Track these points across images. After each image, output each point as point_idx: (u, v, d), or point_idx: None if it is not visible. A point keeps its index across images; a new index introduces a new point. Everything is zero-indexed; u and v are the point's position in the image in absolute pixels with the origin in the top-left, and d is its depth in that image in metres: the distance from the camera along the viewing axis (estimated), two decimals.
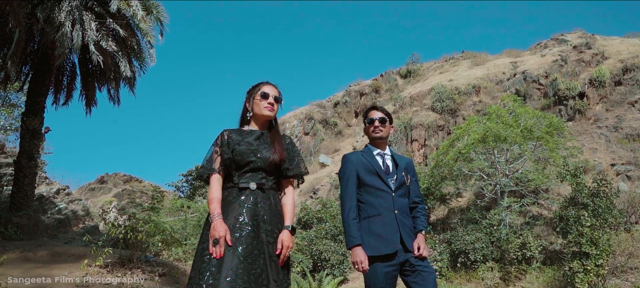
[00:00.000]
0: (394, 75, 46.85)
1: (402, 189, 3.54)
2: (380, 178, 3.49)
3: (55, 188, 13.85)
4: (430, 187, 25.00)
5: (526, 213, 22.63)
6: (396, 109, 38.59)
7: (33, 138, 10.91)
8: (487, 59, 42.46)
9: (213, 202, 2.84)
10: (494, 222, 20.67)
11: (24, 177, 10.71)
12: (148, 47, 11.90)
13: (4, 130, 20.83)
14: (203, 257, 2.70)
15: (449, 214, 26.40)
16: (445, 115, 34.32)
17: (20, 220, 10.39)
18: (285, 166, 3.09)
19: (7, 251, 7.81)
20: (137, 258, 7.20)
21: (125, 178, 38.35)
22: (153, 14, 11.61)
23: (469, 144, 22.03)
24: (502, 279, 19.59)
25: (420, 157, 33.34)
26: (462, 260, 20.39)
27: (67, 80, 12.21)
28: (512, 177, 22.45)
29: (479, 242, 20.06)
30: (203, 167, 3.01)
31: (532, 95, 32.45)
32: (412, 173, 3.69)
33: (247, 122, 3.19)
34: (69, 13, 9.74)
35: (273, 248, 2.85)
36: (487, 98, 34.15)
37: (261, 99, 3.13)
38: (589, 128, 28.57)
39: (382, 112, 3.67)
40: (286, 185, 3.16)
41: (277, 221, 2.97)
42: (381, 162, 3.59)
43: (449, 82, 37.34)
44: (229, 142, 3.00)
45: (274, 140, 3.09)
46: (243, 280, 2.61)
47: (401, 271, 3.39)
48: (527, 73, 34.28)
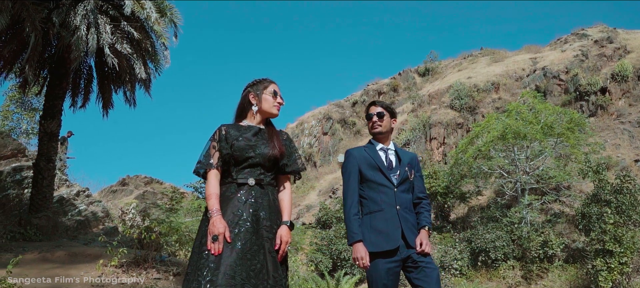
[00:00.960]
0: (412, 74, 46.60)
1: (405, 185, 3.48)
2: (382, 174, 3.44)
3: (75, 190, 14.02)
4: (450, 185, 24.85)
5: (547, 211, 22.34)
6: (415, 108, 38.39)
7: (51, 140, 11.09)
8: (506, 55, 41.99)
9: (211, 197, 2.83)
10: (514, 220, 20.46)
11: (43, 179, 10.90)
12: (162, 49, 12.00)
13: (26, 134, 21.20)
14: (201, 253, 2.69)
15: (469, 212, 26.18)
16: (464, 113, 34.01)
17: (40, 221, 10.57)
18: (284, 162, 3.08)
19: (26, 252, 7.95)
20: (152, 258, 7.24)
21: (146, 180, 38.71)
22: (167, 16, 11.71)
23: (488, 142, 21.85)
24: (523, 278, 19.38)
25: (440, 155, 33.09)
26: (482, 259, 20.24)
27: (85, 83, 12.38)
28: (533, 174, 22.19)
29: (500, 240, 19.89)
30: (200, 162, 3.00)
31: (553, 91, 31.99)
32: (417, 168, 3.63)
33: (245, 116, 3.17)
34: (84, 17, 9.87)
35: (272, 243, 2.84)
36: (507, 95, 33.76)
37: (272, 97, 3.13)
38: (611, 124, 28.07)
39: (381, 107, 3.62)
40: (284, 181, 3.14)
41: (276, 217, 2.95)
42: (384, 157, 3.54)
43: (468, 79, 37.01)
44: (227, 137, 2.97)
45: (272, 135, 3.08)
46: (242, 277, 2.61)
47: (404, 267, 3.34)
48: (547, 69, 33.80)
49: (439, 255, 21.87)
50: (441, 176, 25.21)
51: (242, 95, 3.20)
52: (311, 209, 32.75)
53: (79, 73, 12.15)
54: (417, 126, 35.02)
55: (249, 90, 3.18)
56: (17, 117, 21.53)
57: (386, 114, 3.63)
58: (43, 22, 9.55)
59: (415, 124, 35.37)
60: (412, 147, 34.27)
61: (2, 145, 13.37)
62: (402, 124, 37.81)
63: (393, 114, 3.70)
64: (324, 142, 42.18)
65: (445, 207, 25.83)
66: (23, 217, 10.74)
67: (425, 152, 33.58)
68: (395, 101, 43.52)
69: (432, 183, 24.83)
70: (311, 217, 30.62)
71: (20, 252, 7.89)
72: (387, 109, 3.66)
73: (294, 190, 40.17)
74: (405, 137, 35.40)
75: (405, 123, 37.29)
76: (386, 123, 3.62)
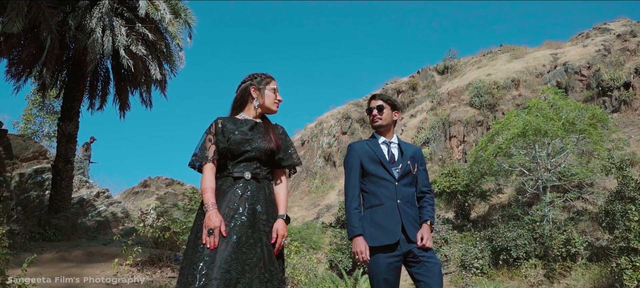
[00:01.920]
0: (431, 72, 46.33)
1: (406, 178, 3.44)
2: (383, 167, 3.41)
3: (95, 192, 14.23)
4: (470, 183, 24.64)
5: (570, 209, 21.99)
6: (434, 106, 38.14)
7: (69, 142, 11.26)
8: (527, 51, 41.48)
9: (207, 191, 2.81)
10: (536, 218, 20.18)
11: (61, 180, 11.07)
12: (177, 50, 12.11)
13: (48, 137, 21.55)
14: (196, 247, 2.68)
15: (489, 211, 25.93)
16: (484, 111, 33.67)
17: (59, 221, 10.74)
18: (280, 156, 3.07)
19: (45, 251, 8.08)
20: (166, 257, 7.28)
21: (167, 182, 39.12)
22: (181, 17, 11.81)
23: (508, 139, 21.59)
24: (546, 276, 19.10)
25: (459, 153, 32.82)
26: (504, 258, 20.00)
27: (102, 85, 12.54)
28: (555, 171, 21.86)
29: (521, 238, 19.65)
30: (196, 155, 2.98)
31: (574, 87, 31.50)
32: (421, 162, 3.58)
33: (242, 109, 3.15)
34: (99, 19, 9.99)
35: (269, 237, 2.83)
36: (527, 91, 33.33)
37: (273, 93, 3.13)
38: (635, 119, 27.52)
39: (381, 100, 3.58)
40: (280, 175, 3.13)
41: (273, 211, 2.94)
42: (386, 151, 3.50)
43: (487, 76, 36.64)
44: (223, 130, 2.96)
45: (268, 129, 3.07)
46: (237, 270, 2.60)
47: (405, 262, 3.31)
48: (569, 64, 33.28)
49: (459, 254, 21.69)
50: (461, 174, 25.00)
51: (242, 88, 3.17)
52: (331, 209, 32.75)
53: (96, 75, 12.31)
54: (437, 124, 34.78)
55: (251, 83, 3.15)
56: (40, 121, 21.92)
57: (386, 107, 3.58)
58: (59, 25, 9.69)
59: (434, 122, 35.14)
60: (432, 145, 34.07)
61: (24, 148, 13.60)
62: (422, 122, 37.59)
63: (394, 106, 3.64)
64: (343, 141, 42.15)
65: (466, 206, 25.62)
66: (42, 217, 10.92)
67: (445, 151, 33.35)
68: (414, 99, 43.30)
69: (452, 182, 24.65)
70: (331, 217, 30.62)
71: (39, 251, 8.00)
72: (388, 102, 3.61)
73: (314, 190, 40.23)
74: (425, 136, 35.20)
75: (425, 121, 37.08)
76: (386, 116, 3.57)
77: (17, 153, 13.18)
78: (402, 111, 43.79)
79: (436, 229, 23.59)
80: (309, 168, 43.67)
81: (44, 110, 21.24)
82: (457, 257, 21.96)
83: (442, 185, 24.96)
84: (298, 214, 37.18)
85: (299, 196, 41.98)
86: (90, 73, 11.71)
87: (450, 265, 22.34)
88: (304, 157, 46.27)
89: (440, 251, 22.50)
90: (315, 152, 45.00)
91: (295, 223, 31.67)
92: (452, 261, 22.35)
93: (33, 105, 21.46)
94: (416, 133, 36.77)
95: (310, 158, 45.17)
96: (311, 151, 45.88)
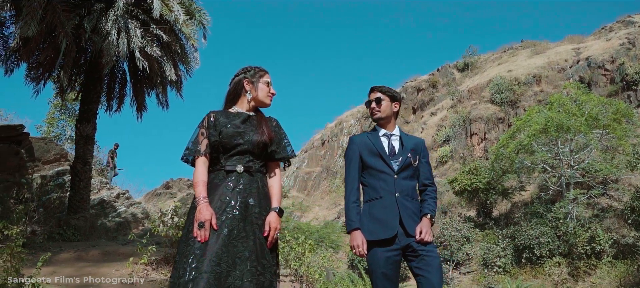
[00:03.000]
0: (451, 69, 45.92)
1: (406, 171, 3.38)
2: (383, 160, 3.36)
3: (116, 193, 14.45)
4: (492, 181, 24.37)
5: (594, 206, 21.58)
6: (454, 103, 37.79)
7: (87, 144, 11.44)
8: (548, 46, 40.83)
9: (199, 185, 2.83)
10: (559, 215, 19.89)
11: (80, 181, 11.24)
12: (192, 51, 12.21)
13: (71, 140, 21.85)
14: (188, 240, 2.69)
15: (511, 209, 25.60)
16: (505, 107, 33.25)
17: (78, 222, 10.91)
18: (273, 149, 3.06)
19: (63, 251, 8.19)
20: None
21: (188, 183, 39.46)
22: (195, 18, 11.91)
23: (530, 135, 21.28)
24: (570, 275, 18.79)
25: (481, 151, 32.46)
26: (527, 256, 19.76)
27: (119, 87, 12.69)
28: (578, 167, 21.49)
29: (545, 236, 19.38)
30: (188, 149, 2.99)
31: (598, 82, 30.89)
32: (423, 154, 3.52)
33: (235, 102, 3.14)
34: (114, 22, 10.11)
35: (261, 230, 2.82)
36: (549, 87, 32.81)
37: (267, 87, 3.14)
38: None
39: (379, 92, 3.53)
40: (274, 168, 3.12)
41: (266, 204, 2.93)
42: (386, 143, 3.45)
43: (508, 72, 36.16)
44: (215, 124, 2.97)
45: (261, 122, 3.06)
46: (227, 263, 2.60)
47: (405, 256, 3.26)
48: (592, 59, 32.65)
49: (481, 252, 21.48)
50: (482, 172, 24.75)
51: (235, 81, 3.17)
52: None
53: (114, 77, 12.47)
54: (457, 122, 34.46)
55: (244, 76, 3.15)
56: (62, 124, 22.25)
57: (385, 99, 3.53)
58: (75, 28, 9.84)
59: (455, 120, 34.82)
60: (453, 143, 33.78)
61: (46, 151, 13.82)
62: (442, 120, 37.29)
63: (394, 97, 3.58)
64: None
65: (487, 204, 25.36)
66: (62, 218, 11.10)
67: (466, 148, 33.03)
68: (434, 97, 42.99)
69: (473, 180, 24.42)
70: None
71: (57, 251, 8.12)
72: (387, 94, 3.56)
73: (335, 190, 40.20)
74: (445, 134, 34.92)
75: (445, 119, 36.77)
76: (385, 108, 3.52)
77: (39, 156, 13.40)
78: (422, 109, 43.51)
79: (457, 227, 23.38)
80: (330, 168, 43.65)
81: (67, 114, 21.57)
82: (479, 255, 21.75)
83: (463, 183, 24.73)
84: (319, 214, 37.19)
85: (320, 196, 42.00)
86: (107, 75, 11.88)
87: (472, 263, 22.12)
88: (324, 157, 46.25)
89: (462, 249, 22.31)
90: (336, 151, 44.98)
91: (316, 223, 31.67)
92: (474, 260, 22.13)
93: (55, 108, 21.80)
94: (437, 131, 36.48)
95: (330, 158, 45.16)
96: (331, 151, 45.86)
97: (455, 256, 22.22)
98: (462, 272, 22.16)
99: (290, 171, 47.86)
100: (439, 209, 29.61)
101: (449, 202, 28.82)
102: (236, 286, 2.59)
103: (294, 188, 45.01)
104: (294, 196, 42.89)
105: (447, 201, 29.02)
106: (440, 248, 23.31)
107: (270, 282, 2.75)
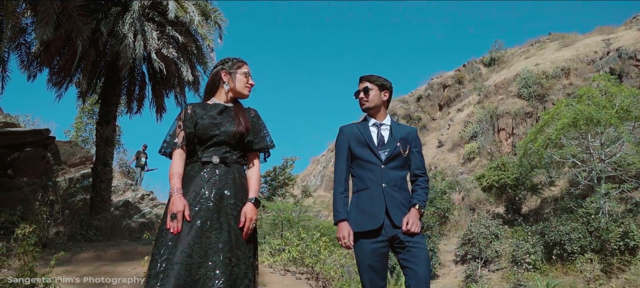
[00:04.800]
0: (477, 64, 45.34)
1: (395, 161, 3.28)
2: (370, 150, 3.29)
3: (140, 194, 14.60)
4: (520, 176, 23.94)
5: (627, 200, 20.99)
6: (481, 99, 37.28)
7: (107, 145, 11.61)
8: (577, 38, 39.95)
9: (173, 177, 2.84)
10: (591, 210, 19.41)
11: (100, 183, 11.41)
12: (208, 51, 12.29)
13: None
14: (162, 232, 2.68)
15: (541, 204, 25.10)
16: (533, 102, 32.62)
17: (99, 222, 11.10)
18: (250, 139, 3.03)
19: (83, 251, 8.30)
20: None
21: None
22: (211, 19, 11.99)
23: (558, 129, 20.83)
24: (603, 271, 18.31)
25: (509, 146, 31.92)
26: (557, 252, 19.35)
27: (139, 89, 12.81)
28: (609, 161, 20.94)
29: (575, 232, 18.96)
30: (166, 142, 2.99)
31: (629, 73, 30.05)
32: (414, 144, 3.41)
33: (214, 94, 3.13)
34: (131, 25, 10.24)
35: (237, 221, 2.79)
36: (578, 80, 32.07)
37: (245, 77, 3.11)
38: None
39: (367, 81, 3.45)
40: (252, 159, 3.10)
41: (242, 194, 2.90)
42: (376, 133, 3.36)
43: (536, 66, 35.48)
44: (192, 116, 2.96)
45: (238, 113, 3.04)
46: (199, 255, 2.58)
47: (392, 248, 3.17)
48: (622, 50, 31.78)
49: (510, 249, 21.11)
50: (510, 168, 24.34)
51: (213, 73, 3.16)
52: None
53: (133, 80, 12.59)
54: (484, 118, 33.96)
55: (222, 67, 3.13)
56: (90, 128, 22.63)
57: (373, 88, 3.44)
58: (93, 33, 9.99)
59: (482, 116, 34.32)
60: (480, 139, 33.31)
61: (72, 154, 14.06)
62: (469, 116, 36.84)
63: (383, 86, 3.49)
64: None
65: (516, 200, 24.94)
66: (84, 219, 11.27)
67: (494, 144, 32.54)
68: (460, 93, 42.51)
69: (501, 176, 24.03)
70: None
71: (77, 251, 8.22)
72: (375, 82, 3.47)
73: None
74: (472, 129, 34.47)
75: (472, 115, 36.31)
76: (373, 97, 3.43)
77: (65, 159, 13.64)
78: (449, 106, 43.03)
79: (485, 224, 23.02)
80: None
81: (94, 118, 21.91)
82: (508, 252, 21.39)
83: (491, 179, 24.36)
84: None
85: None
86: (126, 78, 12.00)
87: (502, 260, 21.76)
88: None
89: (490, 247, 21.97)
90: None
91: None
92: (503, 257, 21.78)
93: (82, 113, 22.19)
94: (463, 127, 36.04)
95: None
96: None
97: (484, 253, 21.90)
98: (491, 269, 21.83)
99: (317, 171, 47.88)
100: (467, 206, 29.23)
101: (477, 198, 28.43)
102: (208, 277, 2.57)
103: (321, 187, 45.00)
104: (321, 195, 42.87)
105: (475, 198, 28.63)
106: (469, 246, 23.01)
107: (245, 273, 2.71)
